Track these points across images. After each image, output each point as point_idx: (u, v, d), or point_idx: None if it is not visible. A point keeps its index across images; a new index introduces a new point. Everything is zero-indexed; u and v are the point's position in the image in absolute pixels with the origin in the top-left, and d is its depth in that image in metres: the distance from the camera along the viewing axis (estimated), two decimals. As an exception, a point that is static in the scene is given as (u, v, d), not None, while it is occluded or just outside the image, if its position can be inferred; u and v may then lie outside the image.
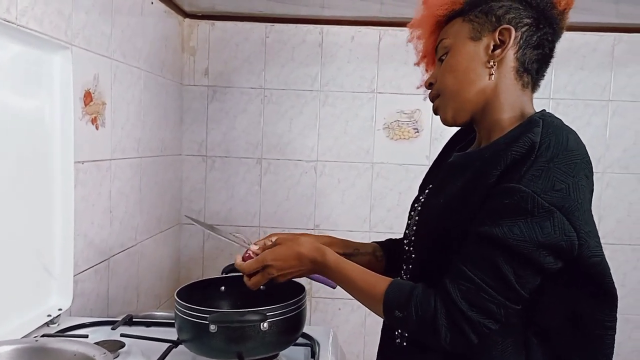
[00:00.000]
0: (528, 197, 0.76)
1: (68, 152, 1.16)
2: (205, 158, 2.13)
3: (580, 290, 0.82)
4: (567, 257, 0.79)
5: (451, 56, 0.92)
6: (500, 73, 0.89)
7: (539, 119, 0.83)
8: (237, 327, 0.90)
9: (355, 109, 2.10)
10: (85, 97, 1.30)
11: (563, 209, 0.77)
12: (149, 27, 1.70)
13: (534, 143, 0.79)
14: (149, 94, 1.72)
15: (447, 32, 0.93)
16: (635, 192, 2.06)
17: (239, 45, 2.09)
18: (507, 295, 0.79)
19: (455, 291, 0.80)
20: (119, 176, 1.51)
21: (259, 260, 0.95)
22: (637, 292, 2.08)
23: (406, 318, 0.83)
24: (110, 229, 1.47)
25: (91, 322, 1.19)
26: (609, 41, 2.02)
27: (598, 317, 0.83)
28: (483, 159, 0.85)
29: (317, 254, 0.94)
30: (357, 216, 2.13)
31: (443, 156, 1.06)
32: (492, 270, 0.79)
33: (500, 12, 0.89)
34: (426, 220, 0.93)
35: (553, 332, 0.84)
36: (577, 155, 0.79)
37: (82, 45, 1.28)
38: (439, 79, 0.94)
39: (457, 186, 0.87)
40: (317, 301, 2.15)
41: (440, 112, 0.95)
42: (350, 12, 1.97)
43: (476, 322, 0.79)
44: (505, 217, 0.78)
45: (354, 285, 0.91)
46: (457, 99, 0.91)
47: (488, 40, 0.89)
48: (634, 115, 2.04)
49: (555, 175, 0.77)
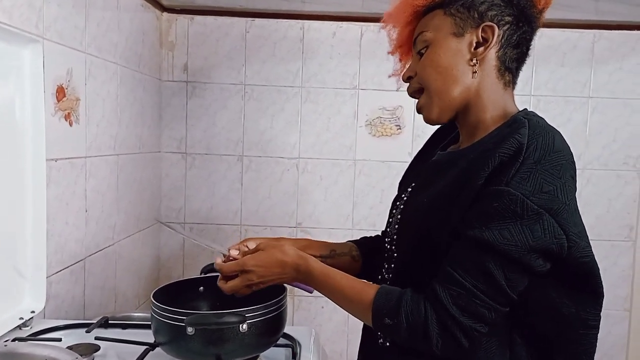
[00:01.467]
0: (517, 199, 0.75)
1: (39, 150, 1.12)
2: (185, 155, 2.10)
3: (566, 289, 0.82)
4: (556, 259, 0.78)
5: (433, 51, 0.89)
6: (482, 71, 0.88)
7: (524, 118, 0.83)
8: (215, 329, 0.87)
9: (338, 105, 2.08)
10: (57, 93, 1.26)
11: (552, 211, 0.76)
12: (125, 21, 1.66)
13: (521, 145, 0.78)
14: (125, 90, 1.67)
15: (427, 25, 0.91)
16: (614, 188, 2.08)
17: (219, 41, 2.05)
18: (498, 299, 0.78)
19: (446, 297, 0.78)
20: (94, 174, 1.47)
21: (239, 263, 0.92)
22: (617, 288, 2.10)
23: (397, 325, 0.81)
24: (86, 229, 1.43)
25: (65, 325, 1.15)
26: (589, 38, 2.04)
27: (582, 316, 0.82)
28: (469, 159, 0.83)
29: (301, 262, 0.91)
30: (340, 214, 2.12)
31: (424, 154, 1.05)
32: (482, 274, 0.77)
33: (483, 9, 0.88)
34: (410, 219, 0.91)
35: (537, 332, 0.84)
36: (563, 157, 0.79)
37: (54, 38, 1.23)
38: (419, 74, 0.92)
39: (442, 185, 0.86)
40: (299, 300, 2.13)
41: (424, 111, 0.93)
42: (331, 8, 1.94)
43: (468, 327, 0.78)
44: (495, 221, 0.76)
45: (340, 293, 0.89)
46: (443, 97, 0.89)
47: (471, 37, 0.88)
48: (613, 112, 2.06)
49: (543, 177, 0.76)
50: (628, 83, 2.05)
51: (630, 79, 2.04)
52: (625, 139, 2.06)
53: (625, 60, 2.04)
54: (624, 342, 2.12)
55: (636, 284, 2.11)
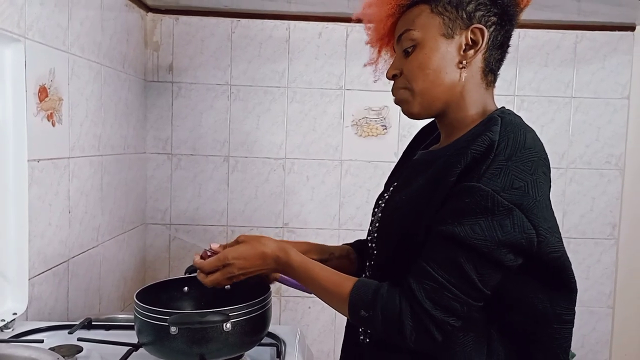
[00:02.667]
0: (488, 195, 0.77)
1: (21, 150, 1.11)
2: (171, 156, 2.09)
3: (540, 285, 0.83)
4: (526, 253, 0.79)
5: (421, 52, 0.88)
6: (468, 73, 0.89)
7: (498, 117, 0.84)
8: (199, 329, 0.87)
9: (324, 105, 2.09)
10: (40, 93, 1.25)
11: (522, 206, 0.77)
12: (109, 21, 1.65)
13: (492, 142, 0.79)
14: (109, 90, 1.66)
15: (414, 23, 0.89)
16: (598, 187, 2.10)
17: (204, 41, 2.05)
18: (470, 294, 0.79)
19: (419, 290, 0.79)
20: (78, 175, 1.46)
21: (219, 258, 0.92)
22: (600, 285, 2.13)
23: (372, 318, 0.82)
24: (69, 230, 1.42)
25: (47, 327, 1.14)
26: (571, 38, 2.06)
27: (557, 311, 0.84)
28: (445, 156, 0.85)
29: (281, 254, 0.92)
30: (327, 214, 2.12)
31: (408, 154, 1.06)
32: (455, 269, 0.79)
33: (470, 8, 0.87)
34: (389, 217, 0.92)
35: (513, 327, 0.85)
36: (534, 153, 0.80)
37: (36, 38, 1.22)
38: (406, 74, 0.91)
39: (420, 183, 0.87)
40: (286, 300, 2.13)
41: (404, 106, 0.93)
42: (317, 8, 1.95)
43: (440, 320, 0.79)
44: (467, 216, 0.78)
45: (319, 284, 0.90)
46: (426, 97, 0.90)
47: (460, 39, 0.88)
48: (595, 112, 2.08)
49: (513, 173, 0.77)
50: (610, 83, 2.07)
51: (612, 78, 2.07)
52: (608, 138, 2.09)
53: (607, 60, 2.07)
54: (608, 339, 2.14)
55: (619, 281, 2.14)
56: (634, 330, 2.16)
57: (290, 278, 0.96)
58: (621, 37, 2.05)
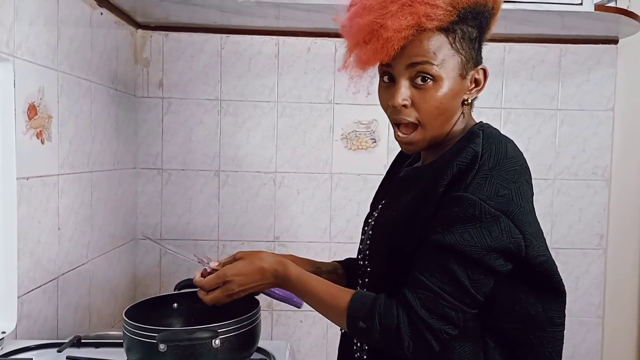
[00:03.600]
0: (475, 204, 0.79)
1: (10, 168, 1.11)
2: (161, 171, 2.09)
3: (531, 290, 0.86)
4: (515, 258, 0.82)
5: (440, 90, 0.86)
6: (465, 107, 0.93)
7: (478, 130, 0.88)
8: (188, 346, 0.87)
9: (313, 119, 2.10)
10: (29, 111, 1.25)
11: (508, 213, 0.80)
12: (99, 39, 1.66)
13: (476, 153, 0.82)
14: (99, 107, 1.67)
15: (436, 57, 0.85)
16: (585, 197, 2.13)
17: (194, 57, 2.06)
18: (464, 300, 0.81)
19: (415, 300, 0.81)
20: (67, 192, 1.46)
21: (219, 275, 0.93)
22: (589, 296, 2.14)
23: (370, 329, 0.83)
24: (59, 247, 1.42)
25: (36, 345, 1.13)
26: (556, 52, 2.10)
27: (549, 314, 0.86)
28: (432, 171, 0.87)
29: (280, 267, 0.93)
30: (317, 227, 2.13)
31: (392, 172, 1.08)
32: (448, 277, 0.81)
33: (477, 46, 0.90)
34: (380, 234, 0.94)
35: (508, 334, 0.87)
36: (516, 162, 0.84)
37: (25, 57, 1.23)
38: (418, 107, 0.87)
39: (408, 199, 0.89)
40: (278, 314, 2.12)
41: (414, 147, 0.91)
42: (305, 24, 1.97)
43: (437, 329, 0.81)
44: (456, 225, 0.80)
45: (317, 297, 0.91)
46: (436, 134, 0.90)
47: (471, 77, 0.90)
48: (581, 124, 2.11)
49: (498, 182, 0.80)
50: (595, 95, 2.11)
51: (596, 91, 2.11)
52: (594, 150, 2.12)
53: (592, 73, 2.10)
54: (598, 349, 2.16)
55: (608, 291, 2.15)
56: (624, 340, 2.18)
57: (284, 291, 0.97)
58: (604, 50, 2.09)
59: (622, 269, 2.16)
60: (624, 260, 2.16)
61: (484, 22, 0.90)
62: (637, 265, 2.17)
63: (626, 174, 2.14)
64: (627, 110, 2.13)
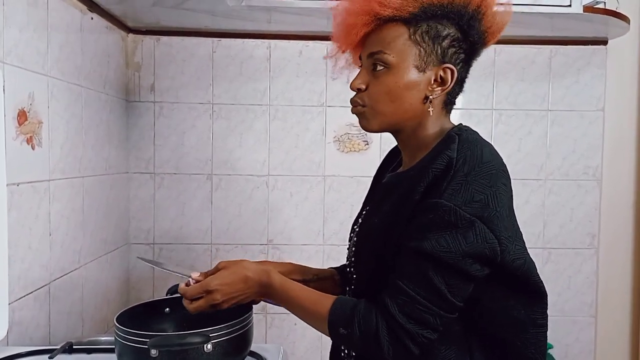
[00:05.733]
0: (450, 210, 0.80)
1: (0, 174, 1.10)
2: (154, 175, 2.09)
3: (512, 292, 0.86)
4: (491, 263, 0.82)
5: (392, 78, 0.89)
6: (430, 106, 0.92)
7: (455, 134, 0.88)
8: (179, 351, 0.87)
9: (306, 122, 2.11)
10: (19, 117, 1.25)
11: (483, 218, 0.80)
12: (90, 43, 1.66)
13: (451, 159, 0.83)
14: (90, 112, 1.67)
15: (390, 46, 0.90)
16: (576, 197, 2.14)
17: (186, 61, 2.06)
18: (441, 305, 0.82)
19: (393, 305, 0.82)
20: (58, 197, 1.45)
21: (202, 285, 0.93)
22: (582, 295, 2.16)
23: (350, 335, 0.84)
24: (50, 253, 1.41)
25: (28, 352, 1.13)
26: (546, 53, 2.11)
27: (531, 316, 0.87)
28: (409, 177, 0.88)
29: (263, 276, 0.93)
30: (311, 230, 2.13)
31: (378, 178, 1.09)
32: (424, 282, 0.81)
33: (445, 44, 0.90)
34: (364, 241, 0.95)
35: (493, 337, 0.87)
36: (492, 167, 0.84)
37: (15, 63, 1.23)
38: (370, 92, 0.91)
39: (389, 205, 0.90)
40: (272, 317, 2.12)
41: (362, 121, 0.95)
42: (297, 27, 1.98)
43: (414, 333, 0.81)
44: (432, 231, 0.81)
45: (299, 304, 0.91)
46: (386, 119, 0.92)
47: (431, 74, 0.90)
48: (571, 124, 2.13)
49: (473, 187, 0.81)
50: (585, 96, 2.12)
51: (586, 92, 2.12)
52: (584, 150, 2.13)
53: (581, 74, 2.12)
54: (591, 348, 2.17)
55: (601, 290, 2.17)
56: (617, 339, 2.19)
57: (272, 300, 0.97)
58: (594, 51, 2.11)
59: (614, 268, 2.17)
60: (616, 259, 2.17)
61: (464, 23, 0.90)
62: (629, 264, 2.18)
63: (617, 173, 2.16)
64: (617, 111, 2.14)
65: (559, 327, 2.12)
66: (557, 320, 2.12)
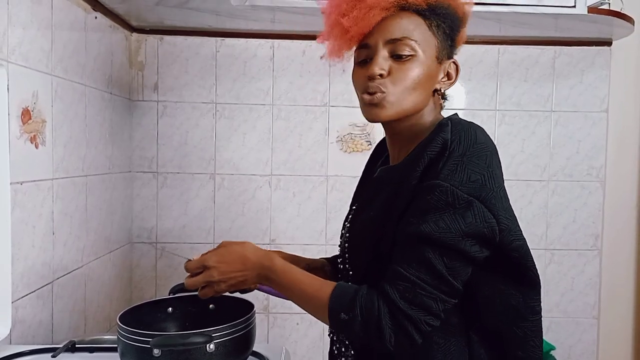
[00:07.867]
0: (447, 190, 0.80)
1: (4, 173, 1.11)
2: (157, 174, 2.09)
3: (510, 280, 0.86)
4: (491, 243, 0.82)
5: (417, 66, 0.89)
6: (436, 99, 0.95)
7: (447, 121, 0.88)
8: (182, 350, 0.87)
9: (309, 122, 2.11)
10: (23, 115, 1.25)
11: (481, 198, 0.80)
12: (93, 43, 1.66)
13: (445, 141, 0.83)
14: (94, 111, 1.67)
15: (414, 34, 0.88)
16: (580, 198, 2.13)
17: (189, 60, 2.06)
18: (442, 289, 0.81)
19: (394, 292, 0.81)
20: (62, 196, 1.45)
21: (201, 259, 0.92)
22: (585, 296, 2.15)
23: (352, 320, 0.82)
24: (53, 252, 1.42)
25: (30, 350, 1.13)
26: (549, 54, 2.10)
27: (529, 303, 0.87)
28: (403, 167, 0.88)
29: (265, 259, 0.92)
30: (313, 229, 2.13)
31: (367, 174, 1.08)
32: (424, 266, 0.81)
33: (450, 40, 0.93)
34: (357, 236, 0.94)
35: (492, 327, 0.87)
36: (486, 148, 0.84)
37: (19, 62, 1.23)
38: (394, 78, 0.88)
39: (382, 198, 0.89)
40: (274, 317, 2.12)
41: (375, 109, 0.90)
42: (300, 27, 1.97)
43: (417, 319, 0.81)
44: (430, 213, 0.81)
45: (299, 290, 0.89)
46: (403, 108, 0.91)
47: (444, 67, 0.93)
48: (574, 125, 2.12)
49: (470, 167, 0.81)
50: (588, 96, 2.12)
51: (590, 92, 2.12)
52: (588, 151, 2.12)
53: (585, 74, 2.11)
54: (594, 349, 2.16)
55: (603, 291, 2.16)
56: (620, 341, 2.18)
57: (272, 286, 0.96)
58: (598, 52, 2.10)
59: (617, 269, 2.17)
60: (619, 260, 2.16)
61: (454, 27, 0.94)
62: (632, 265, 2.18)
63: (620, 174, 2.15)
64: (620, 112, 2.14)
65: (561, 328, 2.11)
66: (559, 321, 2.11)
